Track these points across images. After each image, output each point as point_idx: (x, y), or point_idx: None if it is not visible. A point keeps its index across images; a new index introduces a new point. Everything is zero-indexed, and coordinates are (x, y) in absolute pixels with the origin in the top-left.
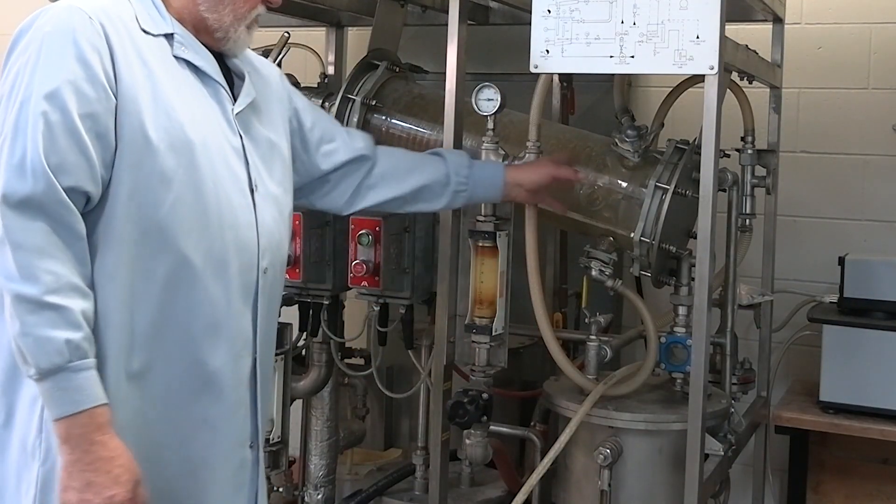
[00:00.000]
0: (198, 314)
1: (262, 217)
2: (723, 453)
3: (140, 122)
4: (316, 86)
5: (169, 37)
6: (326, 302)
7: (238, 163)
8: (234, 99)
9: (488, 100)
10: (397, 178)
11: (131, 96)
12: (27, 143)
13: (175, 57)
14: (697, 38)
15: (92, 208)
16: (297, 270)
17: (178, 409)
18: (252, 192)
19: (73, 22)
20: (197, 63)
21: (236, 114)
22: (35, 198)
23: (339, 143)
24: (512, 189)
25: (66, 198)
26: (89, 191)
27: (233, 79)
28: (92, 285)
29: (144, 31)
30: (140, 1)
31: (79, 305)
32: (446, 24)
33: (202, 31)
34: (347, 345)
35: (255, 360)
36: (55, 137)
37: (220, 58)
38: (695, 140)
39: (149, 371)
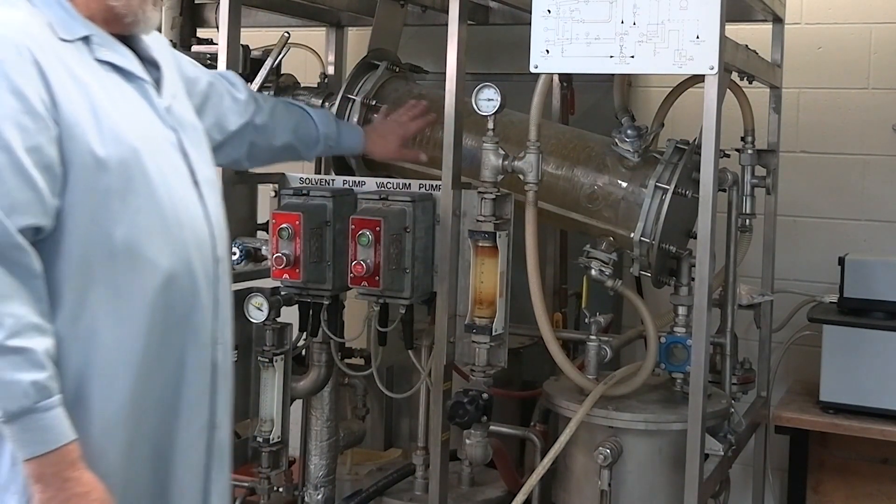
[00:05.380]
0: (175, 316)
1: (210, 207)
2: (723, 453)
3: (87, 144)
4: (316, 86)
5: (86, 39)
6: (326, 302)
7: (178, 158)
8: (156, 89)
9: (488, 100)
10: (277, 134)
11: (73, 120)
12: None
13: (97, 60)
14: (697, 38)
15: (46, 238)
16: (297, 270)
17: (158, 414)
18: (196, 184)
19: (1, 52)
20: (119, 63)
21: (165, 108)
22: None
23: (228, 106)
24: (367, 148)
25: (20, 239)
26: (42, 225)
27: (145, 66)
28: (54, 320)
29: (62, 40)
30: (48, 6)
31: (41, 345)
32: (446, 24)
33: (112, 22)
34: (347, 345)
35: (215, 348)
36: (3, 178)
37: (129, 44)
38: (695, 140)
39: (140, 386)
